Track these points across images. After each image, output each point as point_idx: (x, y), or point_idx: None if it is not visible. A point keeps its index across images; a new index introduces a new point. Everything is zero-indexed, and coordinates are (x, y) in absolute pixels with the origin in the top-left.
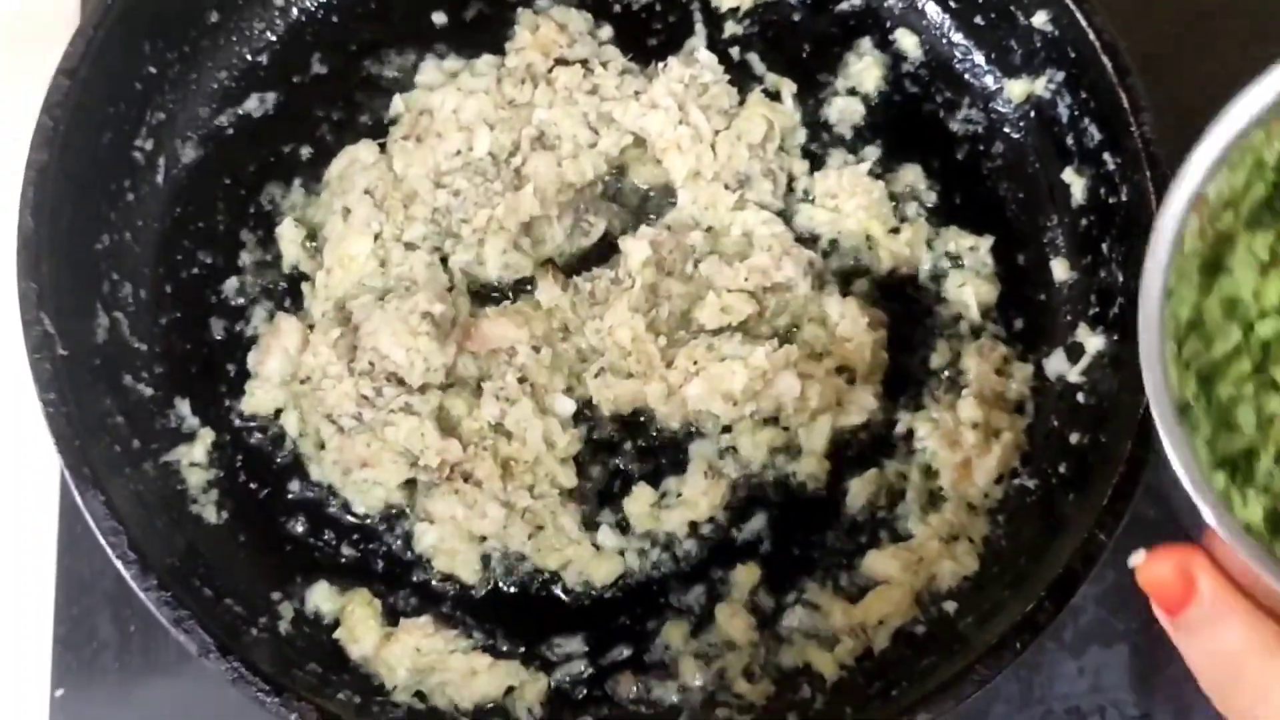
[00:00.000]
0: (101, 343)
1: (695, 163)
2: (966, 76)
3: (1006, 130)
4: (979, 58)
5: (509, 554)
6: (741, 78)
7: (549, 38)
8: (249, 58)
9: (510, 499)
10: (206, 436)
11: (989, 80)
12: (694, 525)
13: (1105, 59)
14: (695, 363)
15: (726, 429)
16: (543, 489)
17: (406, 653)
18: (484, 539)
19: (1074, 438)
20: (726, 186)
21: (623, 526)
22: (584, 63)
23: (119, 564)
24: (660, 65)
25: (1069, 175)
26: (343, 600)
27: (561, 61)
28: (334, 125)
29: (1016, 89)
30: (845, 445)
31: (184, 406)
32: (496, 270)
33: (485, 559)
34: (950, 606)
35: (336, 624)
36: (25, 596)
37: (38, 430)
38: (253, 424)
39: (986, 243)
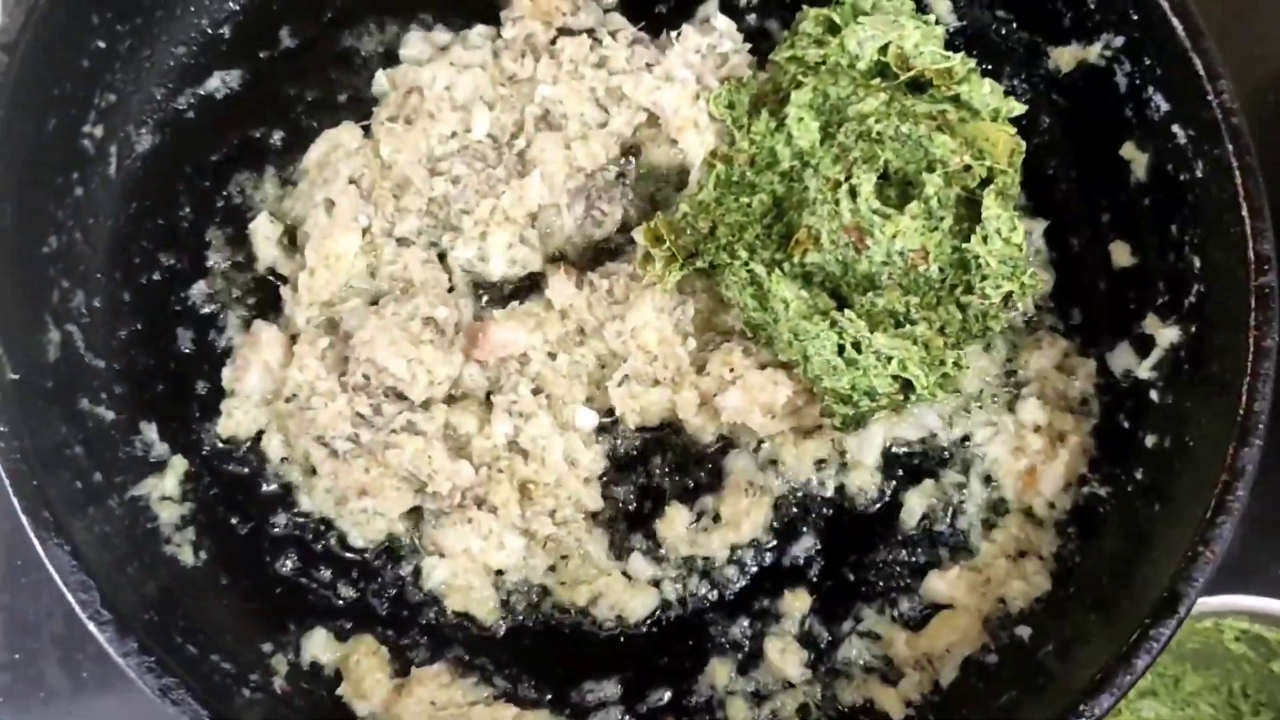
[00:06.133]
0: (53, 361)
1: (714, 141)
2: (1008, 44)
3: (1056, 100)
4: (1021, 22)
5: (531, 588)
6: (761, 46)
7: (550, 5)
8: (209, 30)
9: (530, 526)
10: (178, 465)
11: (1033, 47)
12: (735, 548)
13: (1175, 21)
14: (731, 369)
15: (764, 440)
16: (566, 513)
17: (421, 707)
18: (501, 573)
19: (1150, 440)
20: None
21: (656, 553)
22: (590, 32)
23: (92, 625)
24: (673, 34)
25: (1129, 150)
26: (344, 649)
27: (565, 31)
28: (309, 106)
29: (1065, 56)
30: (898, 455)
31: (150, 431)
32: (502, 267)
33: (504, 595)
34: (1024, 632)
35: (338, 677)
36: None
37: None
38: (230, 449)
39: (1039, 227)
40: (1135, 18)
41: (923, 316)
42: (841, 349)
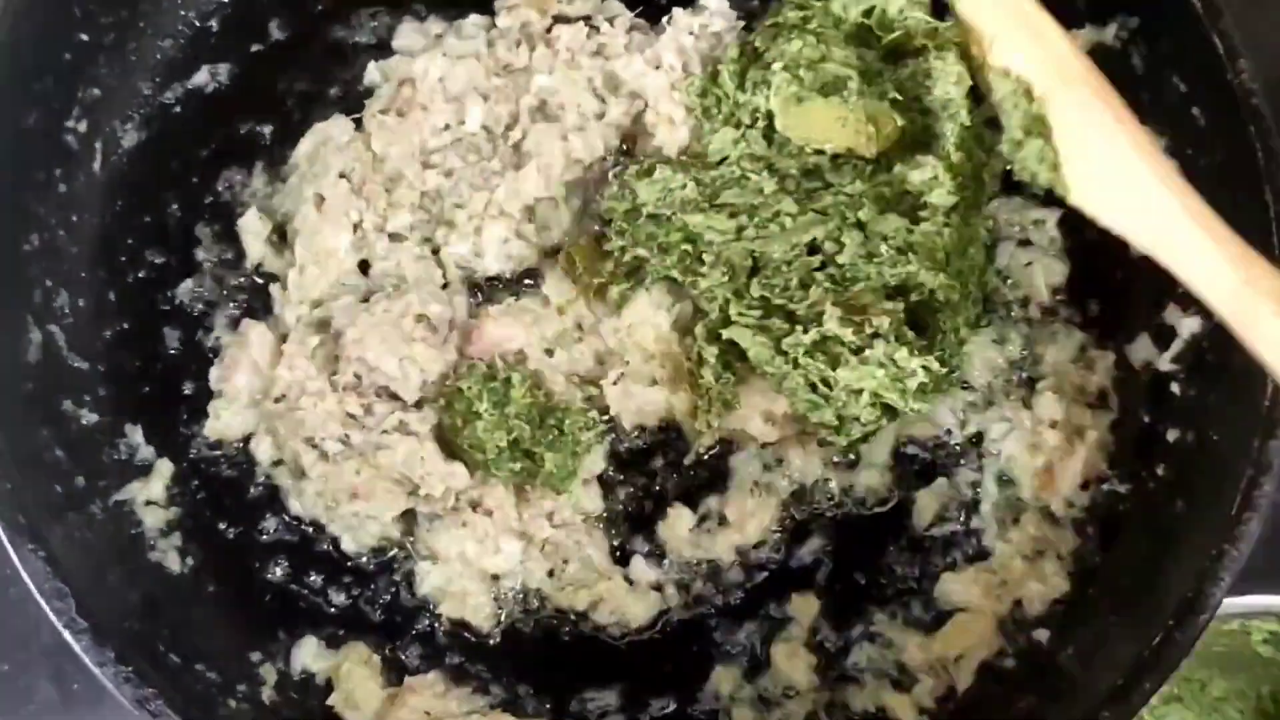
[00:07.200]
0: (34, 363)
1: (687, 138)
2: None
3: None
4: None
5: (528, 594)
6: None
7: None
8: (197, 23)
9: (527, 529)
10: (164, 469)
11: None
12: (741, 551)
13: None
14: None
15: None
16: (564, 515)
17: (414, 717)
18: (497, 578)
19: (1172, 435)
20: None
21: (659, 555)
22: (586, 20)
23: (67, 634)
24: (666, 20)
25: None
26: (335, 658)
27: (561, 19)
28: (299, 99)
29: (1080, 40)
30: (909, 453)
31: (136, 434)
32: (498, 262)
33: (500, 601)
34: (1042, 635)
35: (329, 687)
36: None
37: None
38: (218, 452)
39: (1053, 215)
40: None
41: (873, 331)
42: (814, 386)
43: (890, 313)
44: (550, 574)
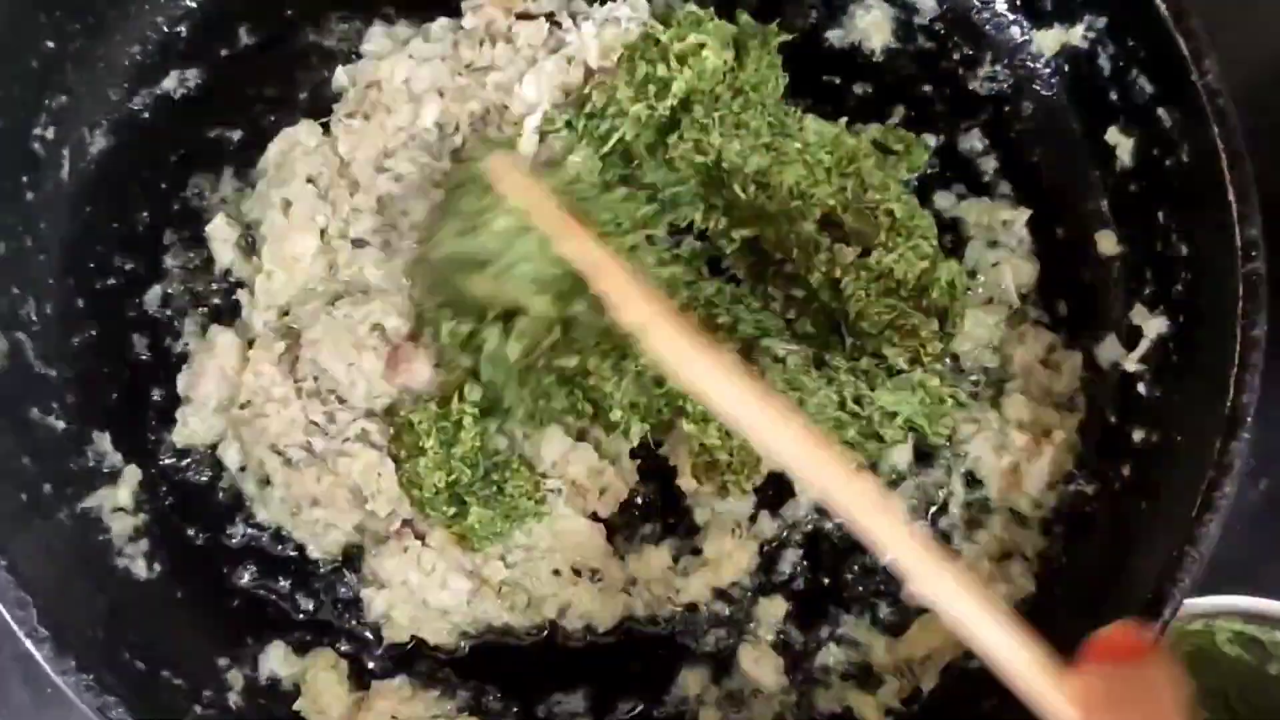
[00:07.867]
0: (1, 371)
1: None
2: (988, 28)
3: (1037, 88)
4: (1002, 5)
5: (488, 623)
6: None
7: None
8: (166, 29)
9: (480, 571)
10: (132, 475)
11: (1014, 31)
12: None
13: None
14: None
15: None
16: (519, 555)
17: None
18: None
19: (1137, 436)
20: None
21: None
22: (549, 16)
23: (29, 643)
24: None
25: (1114, 135)
26: (303, 663)
27: (525, 16)
28: (269, 104)
29: (1047, 40)
30: None
31: (104, 441)
32: None
33: (453, 628)
34: None
35: (297, 692)
36: None
37: None
38: (186, 458)
39: (1022, 216)
40: None
41: (903, 345)
42: (842, 404)
43: (940, 338)
44: (510, 609)
